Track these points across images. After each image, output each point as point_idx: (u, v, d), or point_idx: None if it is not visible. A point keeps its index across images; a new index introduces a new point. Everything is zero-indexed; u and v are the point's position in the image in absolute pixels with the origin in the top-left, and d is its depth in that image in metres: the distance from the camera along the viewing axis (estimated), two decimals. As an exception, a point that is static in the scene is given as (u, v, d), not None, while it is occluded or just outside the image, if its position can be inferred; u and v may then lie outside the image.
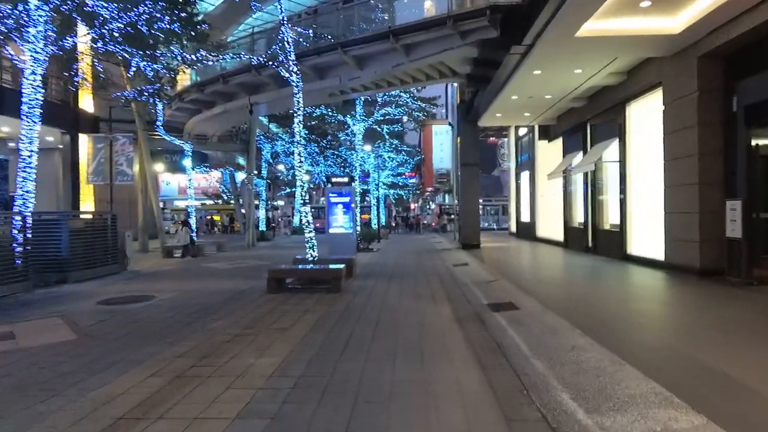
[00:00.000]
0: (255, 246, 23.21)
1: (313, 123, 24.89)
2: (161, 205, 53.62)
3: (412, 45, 14.03)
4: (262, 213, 29.82)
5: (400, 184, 38.21)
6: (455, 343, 5.47)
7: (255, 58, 12.37)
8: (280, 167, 32.71)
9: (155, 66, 13.19)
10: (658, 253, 10.55)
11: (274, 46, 11.74)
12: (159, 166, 32.71)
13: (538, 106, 14.93)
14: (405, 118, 33.10)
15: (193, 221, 19.03)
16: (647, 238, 11.49)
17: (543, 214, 21.16)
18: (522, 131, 24.03)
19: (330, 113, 19.27)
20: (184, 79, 19.43)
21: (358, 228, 19.00)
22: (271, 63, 11.72)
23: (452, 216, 41.13)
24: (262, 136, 26.00)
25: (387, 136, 21.58)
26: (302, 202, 10.27)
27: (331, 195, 13.69)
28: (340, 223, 13.68)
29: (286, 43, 10.65)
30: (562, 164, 17.04)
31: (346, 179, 13.45)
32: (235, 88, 17.86)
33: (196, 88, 18.69)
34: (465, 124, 18.04)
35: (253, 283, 10.42)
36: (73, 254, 11.72)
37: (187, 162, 19.62)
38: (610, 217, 14.20)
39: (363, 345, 5.46)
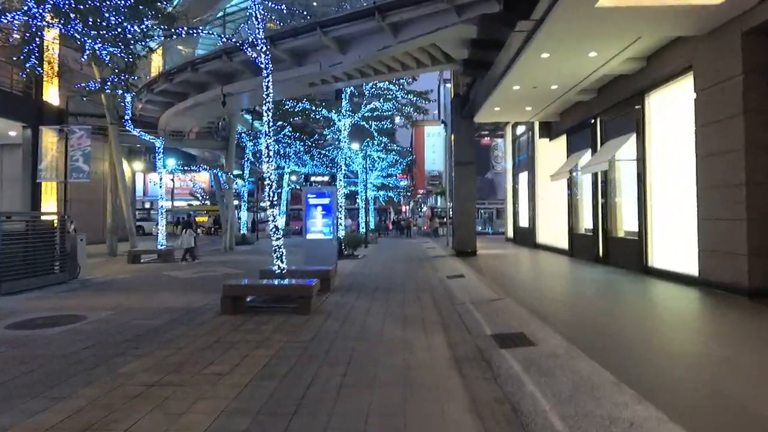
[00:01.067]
0: (233, 250, 21.47)
1: (297, 119, 23.25)
2: (148, 205, 52.04)
3: (401, 24, 12.34)
4: (244, 215, 28.10)
5: (390, 185, 36.58)
6: (455, 409, 3.84)
7: (222, 37, 10.66)
8: (265, 167, 31.06)
9: (112, 49, 11.44)
10: (689, 267, 9.00)
11: (243, 25, 10.01)
12: (138, 165, 30.95)
13: (542, 98, 13.38)
14: (397, 118, 31.61)
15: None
16: (673, 248, 9.95)
17: (544, 219, 19.63)
18: (520, 130, 22.51)
19: (314, 108, 17.68)
20: (155, 69, 17.70)
21: (342, 232, 17.35)
22: (242, 46, 10.05)
23: (444, 219, 39.61)
24: (243, 134, 24.31)
25: (375, 134, 19.93)
26: (270, 202, 8.59)
27: (309, 196, 12.03)
28: (318, 227, 12.03)
29: (254, 19, 9.00)
30: (566, 164, 15.51)
31: (326, 178, 11.81)
32: (206, 77, 16.08)
33: (164, 77, 16.89)
34: (460, 120, 16.49)
35: (211, 298, 8.74)
36: (5, 261, 10.01)
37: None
38: (626, 223, 12.67)
39: (321, 410, 3.81)
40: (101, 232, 21.22)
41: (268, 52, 8.75)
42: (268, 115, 8.80)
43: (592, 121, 13.96)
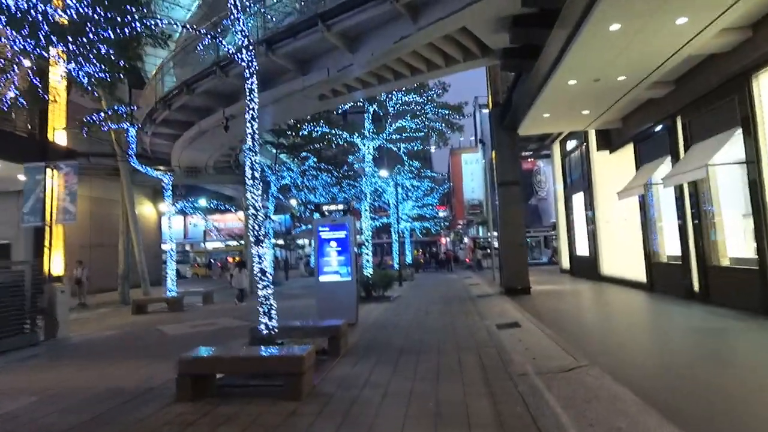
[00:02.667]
0: (253, 294, 19.42)
1: (326, 150, 21.48)
2: (188, 248, 51.55)
3: (420, 4, 9.97)
4: (270, 253, 26.21)
5: (427, 216, 34.06)
6: None
7: (208, 35, 8.80)
8: (293, 202, 29.34)
9: (89, 69, 9.78)
10: None
11: (232, 29, 8.08)
12: (164, 206, 29.75)
13: (603, 96, 10.82)
14: (430, 143, 29.52)
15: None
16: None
17: (609, 246, 16.62)
18: (571, 144, 19.78)
19: (334, 132, 15.73)
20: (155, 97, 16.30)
21: (369, 270, 14.95)
22: (234, 54, 8.10)
23: (488, 250, 36.58)
24: (266, 167, 22.69)
25: (405, 157, 17.66)
26: (255, 237, 6.38)
27: (321, 230, 9.80)
28: (333, 267, 9.73)
29: (231, 6, 7.07)
30: (638, 178, 12.71)
31: (340, 207, 9.73)
32: (206, 99, 14.40)
33: (162, 104, 15.42)
34: (501, 133, 14.06)
35: (178, 371, 6.47)
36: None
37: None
38: (733, 248, 9.73)
39: None
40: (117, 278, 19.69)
41: (251, 45, 6.72)
42: (252, 127, 6.70)
43: (670, 122, 11.23)
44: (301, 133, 15.98)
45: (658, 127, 11.92)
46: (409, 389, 5.29)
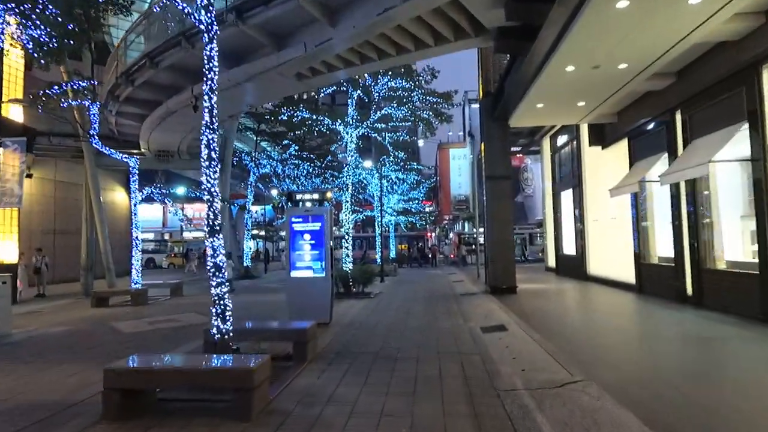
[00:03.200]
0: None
1: (300, 134, 20.51)
2: (167, 236, 50.10)
3: None
4: (250, 245, 25.34)
5: (413, 210, 33.31)
6: None
7: None
8: (274, 192, 28.40)
9: (34, 33, 8.77)
10: None
11: None
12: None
13: (602, 86, 10.15)
14: (417, 134, 28.70)
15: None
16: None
17: (597, 245, 16.08)
18: (561, 140, 19.19)
19: (315, 117, 14.82)
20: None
21: (349, 266, 14.17)
22: (190, 15, 7.20)
23: (473, 246, 36.06)
24: (244, 155, 21.75)
25: (390, 147, 16.81)
26: (209, 226, 5.58)
27: (294, 221, 8.98)
28: (306, 262, 8.94)
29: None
30: (631, 175, 12.12)
31: (315, 196, 8.83)
32: (172, 75, 13.32)
33: (124, 79, 14.20)
34: (491, 125, 13.36)
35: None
36: None
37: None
38: (730, 251, 9.17)
39: None
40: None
41: (211, 7, 5.89)
42: (211, 100, 5.89)
43: (669, 116, 10.62)
44: (280, 118, 15.00)
45: (655, 122, 11.33)
46: (381, 407, 4.56)
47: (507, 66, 11.80)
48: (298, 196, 9.16)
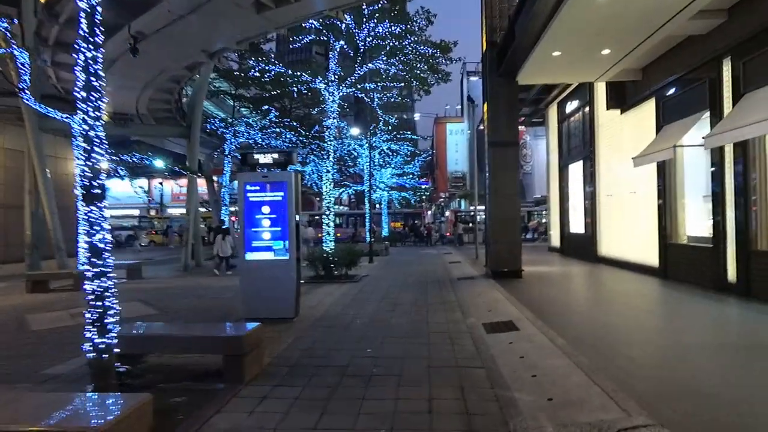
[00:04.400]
0: (199, 267, 16.76)
1: (280, 103, 18.48)
2: (151, 213, 48.02)
3: None
4: (229, 223, 23.44)
5: (407, 185, 31.35)
6: None
7: None
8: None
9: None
10: None
11: None
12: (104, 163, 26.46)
13: (637, 24, 8.22)
14: (411, 94, 26.55)
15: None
16: None
17: (610, 223, 14.33)
18: (571, 106, 17.25)
19: (292, 73, 12.73)
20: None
21: (331, 245, 12.37)
22: None
23: (470, 224, 34.31)
24: (217, 120, 19.66)
25: (380, 111, 14.67)
26: (84, 190, 3.72)
27: (248, 189, 7.13)
28: (266, 241, 7.14)
29: None
30: (660, 140, 10.26)
31: (276, 156, 7.06)
32: (102, 8, 11.09)
33: (46, 13, 11.44)
34: (496, 81, 11.40)
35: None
36: None
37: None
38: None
39: None
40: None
41: None
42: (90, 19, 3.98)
43: (714, 66, 8.71)
44: (251, 73, 12.88)
45: (694, 75, 9.42)
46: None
47: (518, 4, 9.82)
48: (256, 157, 7.25)
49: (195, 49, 11.78)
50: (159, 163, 27.04)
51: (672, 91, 10.37)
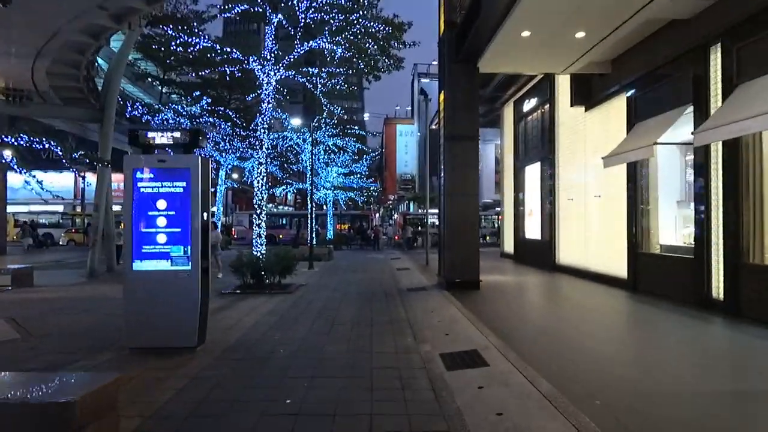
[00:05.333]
0: (111, 272, 14.39)
1: (201, 73, 16.35)
2: (78, 209, 43.48)
3: None
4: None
5: (354, 186, 29.74)
6: None
7: None
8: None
9: None
10: None
11: None
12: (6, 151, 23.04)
13: (613, 3, 7.09)
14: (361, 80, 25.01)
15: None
16: None
17: (570, 229, 13.39)
18: (528, 105, 16.31)
19: (220, 50, 10.88)
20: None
21: (261, 249, 10.58)
22: None
23: (420, 228, 33.21)
24: (140, 106, 17.30)
25: (323, 99, 12.96)
26: None
27: (138, 178, 5.30)
28: (160, 247, 5.34)
29: None
30: (633, 138, 9.26)
31: (177, 135, 5.46)
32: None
33: None
34: (455, 68, 10.05)
35: None
36: None
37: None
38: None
39: None
40: None
41: None
42: None
43: (700, 54, 7.74)
44: (173, 48, 10.85)
45: (674, 66, 8.46)
46: None
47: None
48: (150, 135, 5.41)
49: (89, 3, 9.62)
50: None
51: (646, 84, 9.42)
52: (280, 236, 33.07)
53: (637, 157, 8.78)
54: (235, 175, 29.92)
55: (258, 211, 10.73)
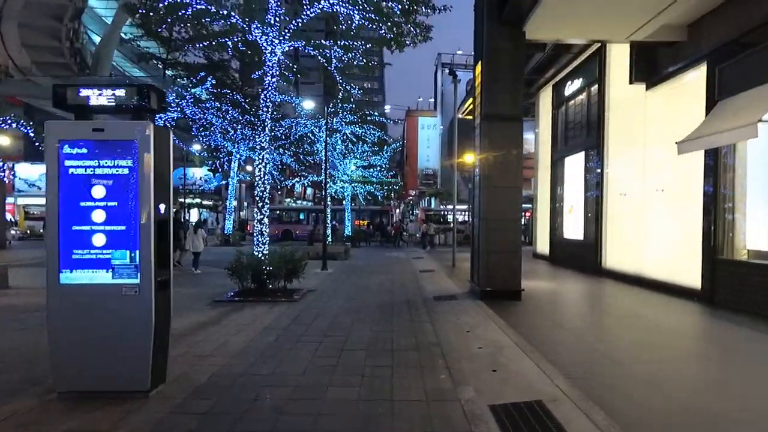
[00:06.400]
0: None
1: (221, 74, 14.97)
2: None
3: None
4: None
5: (374, 179, 28.10)
6: None
7: None
8: (196, 147, 22.77)
9: None
10: None
11: None
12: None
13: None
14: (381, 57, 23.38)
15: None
16: None
17: (622, 229, 11.59)
18: (571, 88, 14.45)
19: (216, 12, 9.31)
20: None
21: (264, 248, 9.08)
22: None
23: (441, 223, 31.47)
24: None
25: (338, 77, 11.18)
26: None
27: (67, 155, 3.83)
28: (99, 251, 3.89)
29: None
30: (718, 119, 7.43)
31: (121, 94, 4.21)
32: None
33: None
34: (497, 32, 8.28)
35: None
36: None
37: None
38: None
39: None
40: None
41: None
42: None
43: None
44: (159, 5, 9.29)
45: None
46: None
47: None
48: (83, 94, 3.87)
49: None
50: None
51: (735, 53, 7.58)
52: (297, 232, 31.71)
53: (730, 140, 6.98)
54: (249, 167, 28.63)
55: (260, 204, 9.20)
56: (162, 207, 4.00)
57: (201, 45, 11.29)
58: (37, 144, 13.33)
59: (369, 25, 9.30)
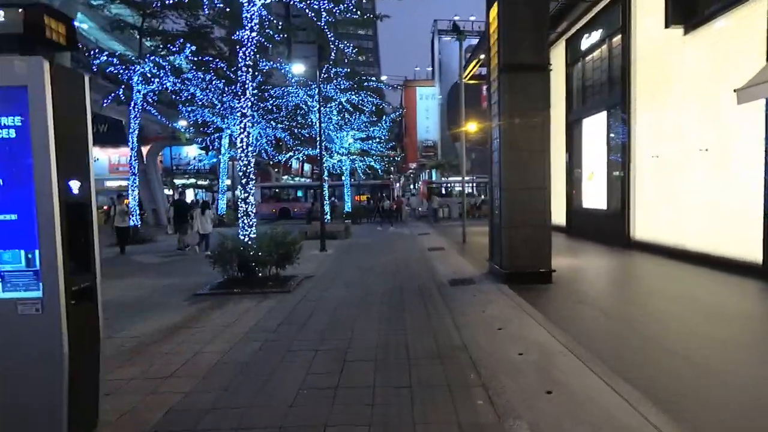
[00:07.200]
0: (123, 255, 11.89)
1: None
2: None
3: None
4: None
5: (373, 152, 26.63)
6: None
7: None
8: (182, 123, 21.32)
9: None
10: None
11: None
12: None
13: None
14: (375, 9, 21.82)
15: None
16: None
17: (654, 195, 10.34)
18: (590, 40, 12.98)
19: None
20: None
21: (251, 228, 7.83)
22: None
23: (444, 194, 30.18)
24: (105, 54, 14.37)
25: (329, 31, 9.76)
26: None
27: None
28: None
29: None
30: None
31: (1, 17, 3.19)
32: None
33: None
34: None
35: None
36: None
37: None
38: None
39: None
40: None
41: None
42: None
43: None
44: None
45: None
46: None
47: None
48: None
49: None
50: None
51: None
52: (295, 210, 30.45)
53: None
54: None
55: (243, 180, 7.93)
56: (75, 184, 2.74)
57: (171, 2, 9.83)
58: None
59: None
